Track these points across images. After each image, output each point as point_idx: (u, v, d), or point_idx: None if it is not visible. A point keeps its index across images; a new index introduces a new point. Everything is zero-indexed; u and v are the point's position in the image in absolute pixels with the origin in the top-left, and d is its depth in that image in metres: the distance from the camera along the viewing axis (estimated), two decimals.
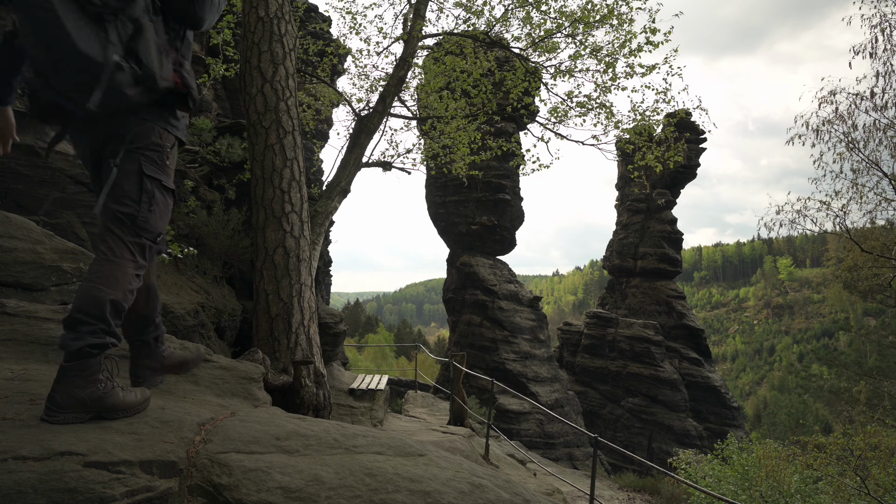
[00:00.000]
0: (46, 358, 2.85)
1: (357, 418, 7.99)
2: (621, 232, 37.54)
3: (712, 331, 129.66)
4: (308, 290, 4.77)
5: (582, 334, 34.93)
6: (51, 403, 1.79)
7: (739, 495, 9.51)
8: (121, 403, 1.92)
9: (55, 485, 1.42)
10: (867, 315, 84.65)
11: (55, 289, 4.49)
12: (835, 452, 9.89)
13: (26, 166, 7.98)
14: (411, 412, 10.69)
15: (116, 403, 1.91)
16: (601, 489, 15.95)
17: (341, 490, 1.68)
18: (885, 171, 9.61)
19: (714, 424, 30.89)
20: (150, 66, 1.93)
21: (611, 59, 7.83)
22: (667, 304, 34.54)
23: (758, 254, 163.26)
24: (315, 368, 4.58)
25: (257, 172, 4.49)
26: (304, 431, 2.11)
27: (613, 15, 7.63)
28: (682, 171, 35.11)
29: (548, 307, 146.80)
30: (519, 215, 31.88)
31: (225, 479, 1.66)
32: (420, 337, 76.92)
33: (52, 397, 1.80)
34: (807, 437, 11.07)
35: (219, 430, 2.00)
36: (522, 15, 8.08)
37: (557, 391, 28.51)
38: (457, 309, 30.73)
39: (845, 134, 9.64)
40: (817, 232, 10.58)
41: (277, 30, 4.65)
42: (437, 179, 31.73)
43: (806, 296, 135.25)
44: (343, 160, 7.02)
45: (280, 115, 4.56)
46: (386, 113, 7.52)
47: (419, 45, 7.98)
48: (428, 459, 2.05)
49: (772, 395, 72.98)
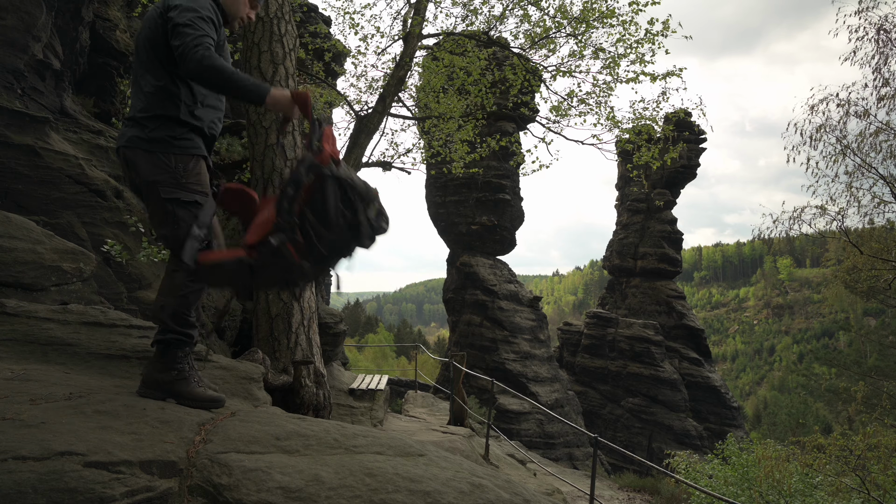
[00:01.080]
0: (46, 358, 2.85)
1: (357, 418, 7.99)
2: (621, 232, 37.54)
3: (712, 331, 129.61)
4: (308, 290, 4.77)
5: (582, 334, 34.92)
6: (141, 380, 2.32)
7: (739, 495, 9.51)
8: (187, 392, 2.28)
9: (55, 485, 1.42)
10: (867, 315, 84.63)
11: (55, 289, 4.49)
12: (834, 452, 9.88)
13: (26, 166, 7.99)
14: (411, 412, 10.69)
15: (183, 391, 2.28)
16: (601, 489, 15.95)
17: (341, 490, 1.68)
18: (881, 174, 9.63)
19: (714, 424, 30.89)
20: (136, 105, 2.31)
21: (611, 61, 7.83)
22: (667, 304, 34.54)
23: (758, 254, 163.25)
24: (315, 368, 4.58)
25: (257, 172, 4.49)
26: (304, 431, 2.11)
27: (614, 15, 7.62)
28: (682, 171, 35.11)
29: (548, 307, 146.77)
30: (519, 215, 31.88)
31: (225, 479, 1.66)
32: (420, 337, 76.91)
33: (142, 376, 2.33)
34: (807, 437, 11.07)
35: (219, 430, 2.01)
36: (521, 13, 8.08)
37: (557, 391, 28.52)
38: (457, 309, 30.73)
39: (838, 139, 9.67)
40: (816, 235, 10.58)
41: (277, 30, 4.65)
42: (437, 179, 31.73)
43: (806, 296, 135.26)
44: (343, 160, 7.02)
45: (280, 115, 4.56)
46: (385, 113, 7.51)
47: (419, 45, 7.98)
48: (428, 459, 2.05)
49: (772, 395, 72.95)
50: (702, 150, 35.64)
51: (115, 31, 10.83)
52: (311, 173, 2.05)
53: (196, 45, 2.14)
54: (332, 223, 2.05)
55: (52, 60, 8.63)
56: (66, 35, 9.21)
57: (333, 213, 2.05)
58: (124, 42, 10.91)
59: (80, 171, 8.41)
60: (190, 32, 2.17)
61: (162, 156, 2.28)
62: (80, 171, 8.41)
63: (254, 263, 2.05)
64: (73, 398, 2.10)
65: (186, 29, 2.19)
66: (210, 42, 2.20)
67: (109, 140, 9.32)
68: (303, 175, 2.03)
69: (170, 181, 2.28)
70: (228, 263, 2.13)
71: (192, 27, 2.19)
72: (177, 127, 2.32)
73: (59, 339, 3.03)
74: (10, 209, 6.41)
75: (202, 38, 2.17)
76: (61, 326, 3.16)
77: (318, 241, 2.04)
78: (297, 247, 2.01)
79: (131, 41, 11.24)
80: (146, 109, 2.30)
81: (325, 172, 2.06)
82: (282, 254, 2.00)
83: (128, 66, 10.83)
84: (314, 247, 2.05)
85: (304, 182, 2.03)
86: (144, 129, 2.29)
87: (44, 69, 8.55)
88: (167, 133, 2.30)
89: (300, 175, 2.03)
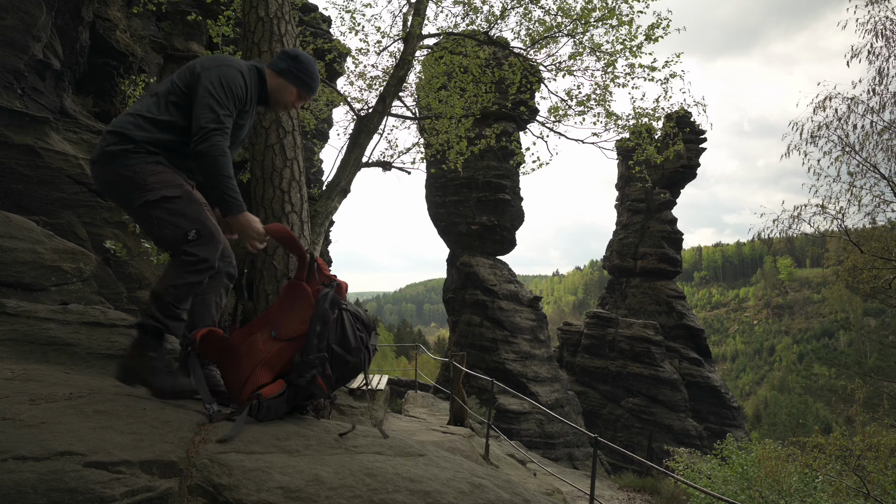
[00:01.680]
0: (46, 358, 2.85)
1: (357, 418, 7.98)
2: (621, 232, 37.54)
3: (712, 331, 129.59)
4: None
5: (582, 334, 34.93)
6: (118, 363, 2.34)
7: (739, 495, 9.51)
8: (152, 381, 2.24)
9: (55, 485, 1.42)
10: (867, 315, 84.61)
11: (55, 289, 4.50)
12: (834, 453, 9.89)
13: (26, 166, 7.98)
14: (411, 412, 10.69)
15: (149, 379, 2.24)
16: (601, 489, 15.95)
17: (341, 490, 1.68)
18: (882, 174, 9.61)
19: (714, 424, 30.90)
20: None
21: (610, 59, 7.81)
22: (667, 304, 34.54)
23: (758, 254, 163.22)
24: None
25: (257, 172, 4.48)
26: (304, 431, 2.11)
27: (614, 14, 7.62)
28: (682, 170, 35.12)
29: (548, 307, 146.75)
30: (519, 215, 31.88)
31: (225, 479, 1.66)
32: (420, 337, 76.91)
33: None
34: (807, 437, 11.07)
35: (219, 429, 2.01)
36: (521, 11, 8.07)
37: (557, 391, 28.52)
38: (457, 309, 30.73)
39: (840, 138, 9.65)
40: (816, 234, 10.57)
41: (277, 30, 4.65)
42: (436, 179, 31.73)
43: (806, 296, 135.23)
44: (343, 160, 7.02)
45: (280, 115, 4.56)
46: (386, 113, 7.50)
47: (419, 45, 7.98)
48: (428, 459, 2.05)
49: (772, 395, 72.95)
50: (702, 149, 35.64)
51: (115, 31, 10.83)
52: (335, 309, 2.17)
53: (213, 130, 2.25)
54: (352, 349, 2.20)
55: (52, 60, 8.63)
56: (66, 35, 9.21)
57: (353, 341, 2.20)
58: (124, 42, 10.91)
59: (80, 171, 8.41)
60: (209, 115, 2.26)
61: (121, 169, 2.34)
62: (80, 171, 8.41)
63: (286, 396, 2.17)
64: (73, 398, 2.10)
65: (212, 104, 2.27)
66: (227, 129, 2.29)
67: None
68: (328, 312, 2.15)
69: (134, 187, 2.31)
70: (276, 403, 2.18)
71: (217, 104, 2.28)
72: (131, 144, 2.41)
73: (59, 339, 3.03)
74: (10, 209, 6.41)
75: (221, 123, 2.27)
76: (61, 326, 3.16)
77: (342, 367, 2.19)
78: (326, 380, 2.13)
79: (131, 41, 11.24)
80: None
81: (343, 306, 2.22)
82: (311, 390, 2.12)
83: (128, 66, 10.83)
84: (341, 373, 2.21)
85: (330, 318, 2.14)
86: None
87: (44, 69, 8.55)
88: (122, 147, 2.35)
89: (326, 312, 2.14)
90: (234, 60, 2.45)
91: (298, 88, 2.66)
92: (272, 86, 2.62)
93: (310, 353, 2.11)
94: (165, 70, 12.82)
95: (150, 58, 12.02)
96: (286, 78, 2.62)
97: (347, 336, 2.20)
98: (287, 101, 2.67)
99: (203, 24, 13.00)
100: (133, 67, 10.91)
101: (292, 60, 2.62)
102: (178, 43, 13.01)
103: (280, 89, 2.63)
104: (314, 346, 2.11)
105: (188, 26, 13.00)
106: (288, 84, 2.63)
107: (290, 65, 2.62)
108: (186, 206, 2.33)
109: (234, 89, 2.34)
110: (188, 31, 13.13)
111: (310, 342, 2.11)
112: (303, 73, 2.63)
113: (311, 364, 2.11)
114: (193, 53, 13.15)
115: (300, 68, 2.63)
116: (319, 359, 2.12)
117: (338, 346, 2.17)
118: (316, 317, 2.14)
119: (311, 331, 2.12)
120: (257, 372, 2.16)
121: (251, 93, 2.47)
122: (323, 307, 2.16)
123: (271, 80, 2.61)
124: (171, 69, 12.97)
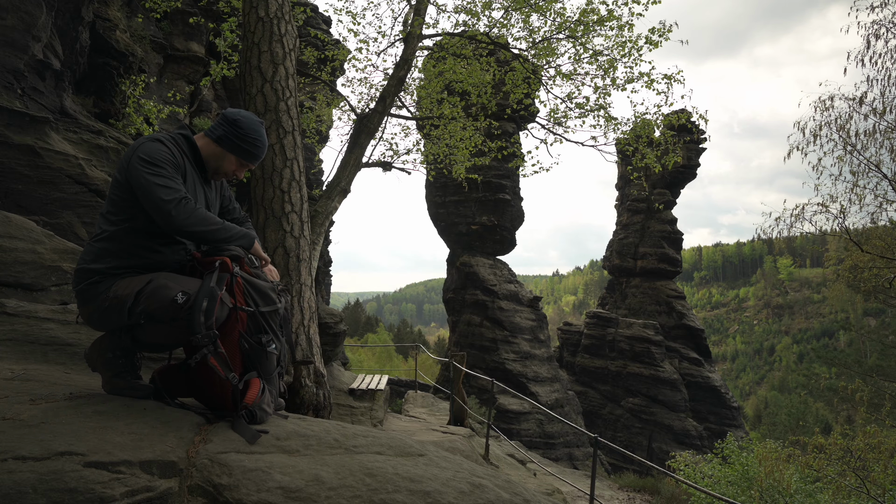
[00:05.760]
0: (46, 358, 2.85)
1: (357, 418, 7.98)
2: (621, 232, 37.54)
3: (712, 331, 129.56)
4: (308, 290, 4.77)
5: (582, 334, 34.92)
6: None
7: (739, 495, 9.52)
8: (108, 379, 2.23)
9: (55, 485, 1.42)
10: (867, 315, 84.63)
11: (55, 289, 4.49)
12: (834, 453, 9.89)
13: (26, 166, 7.98)
14: (411, 412, 10.68)
15: (105, 377, 2.24)
16: (601, 489, 15.95)
17: (341, 490, 1.68)
18: (884, 173, 9.61)
19: (714, 424, 30.88)
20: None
21: (609, 65, 7.83)
22: (667, 304, 34.54)
23: (758, 254, 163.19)
24: (315, 368, 4.57)
25: (257, 172, 4.49)
26: (304, 431, 2.11)
27: (613, 17, 7.63)
28: (682, 171, 35.12)
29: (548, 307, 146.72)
30: (519, 215, 31.88)
31: (225, 479, 1.66)
32: (420, 337, 76.86)
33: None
34: (807, 437, 11.07)
35: (218, 429, 2.00)
36: (522, 17, 8.08)
37: (557, 391, 28.51)
38: (457, 309, 30.73)
39: (843, 138, 9.65)
40: (817, 233, 10.56)
41: (277, 30, 4.65)
42: (436, 180, 31.71)
43: (806, 296, 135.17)
44: (343, 160, 7.02)
45: (280, 115, 4.55)
46: (386, 113, 7.50)
47: (419, 45, 7.98)
48: (428, 459, 2.05)
49: (772, 395, 72.92)
50: (702, 150, 35.64)
51: (115, 31, 10.83)
52: (222, 285, 2.15)
53: (169, 201, 2.12)
54: (267, 296, 2.28)
55: (52, 60, 8.63)
56: (66, 35, 9.21)
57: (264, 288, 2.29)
58: (124, 42, 10.90)
59: (80, 171, 8.41)
60: (158, 191, 2.11)
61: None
62: (80, 171, 8.41)
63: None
64: (73, 398, 2.10)
65: (152, 181, 2.12)
66: (180, 190, 2.16)
67: (109, 140, 9.32)
68: (215, 290, 2.11)
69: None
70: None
71: (155, 175, 2.14)
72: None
73: (59, 339, 3.03)
74: (10, 209, 6.41)
75: (172, 188, 2.15)
76: (61, 326, 3.16)
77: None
78: (220, 359, 2.08)
79: (131, 41, 11.24)
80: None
81: (236, 275, 2.24)
82: (206, 367, 2.08)
83: (128, 66, 10.83)
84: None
85: (217, 294, 2.10)
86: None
87: (44, 69, 8.55)
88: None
89: (212, 290, 2.10)
90: (153, 136, 2.28)
91: (238, 157, 2.40)
92: (207, 154, 2.39)
93: (196, 332, 2.00)
94: (165, 70, 12.82)
95: (150, 58, 12.02)
96: (224, 146, 2.38)
97: (257, 286, 2.25)
98: (227, 170, 2.43)
99: (204, 25, 13.00)
100: (133, 67, 10.91)
101: (230, 126, 2.37)
102: (178, 43, 13.02)
103: (217, 157, 2.40)
104: (200, 324, 2.00)
105: (188, 26, 13.01)
106: (226, 153, 2.39)
107: (227, 131, 2.37)
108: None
109: (160, 156, 2.18)
110: (188, 32, 13.13)
111: (195, 321, 2.00)
112: (242, 141, 2.37)
113: (199, 343, 2.01)
114: (193, 53, 13.15)
115: (239, 135, 2.37)
116: (209, 336, 2.02)
117: (254, 296, 2.23)
118: (201, 293, 2.04)
119: (195, 308, 2.01)
120: (224, 375, 2.14)
121: (180, 158, 2.28)
122: (207, 285, 2.07)
123: (207, 147, 2.39)
124: (171, 69, 12.97)
